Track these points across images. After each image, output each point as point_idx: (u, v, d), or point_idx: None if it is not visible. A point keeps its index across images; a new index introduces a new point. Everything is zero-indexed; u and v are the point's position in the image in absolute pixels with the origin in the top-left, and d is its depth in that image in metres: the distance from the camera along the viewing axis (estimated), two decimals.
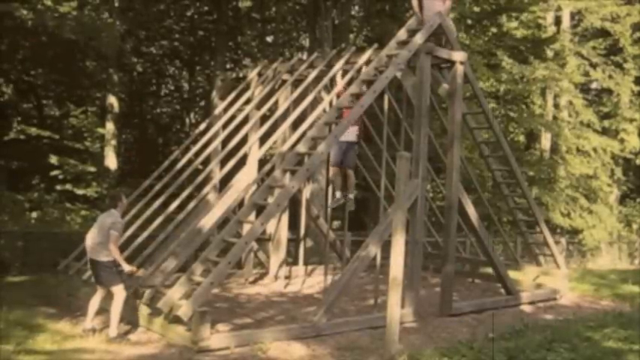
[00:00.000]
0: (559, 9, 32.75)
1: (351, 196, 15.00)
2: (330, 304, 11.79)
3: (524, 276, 17.88)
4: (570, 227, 30.69)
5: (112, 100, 24.81)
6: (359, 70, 14.11)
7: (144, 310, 11.49)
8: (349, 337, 11.43)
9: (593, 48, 33.27)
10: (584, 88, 36.21)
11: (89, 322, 10.89)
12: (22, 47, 23.20)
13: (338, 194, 15.00)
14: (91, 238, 10.98)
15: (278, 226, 16.63)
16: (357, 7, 31.82)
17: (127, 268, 10.86)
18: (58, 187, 21.79)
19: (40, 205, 21.37)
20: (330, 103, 14.47)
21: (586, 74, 32.82)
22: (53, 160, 21.41)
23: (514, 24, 30.18)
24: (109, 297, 10.93)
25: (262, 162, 16.95)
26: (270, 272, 16.68)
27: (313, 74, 15.04)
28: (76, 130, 23.02)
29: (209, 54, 32.30)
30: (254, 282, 16.34)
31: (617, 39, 33.68)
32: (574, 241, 31.01)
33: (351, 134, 14.43)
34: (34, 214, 20.80)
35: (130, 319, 11.51)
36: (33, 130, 22.56)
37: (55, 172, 21.63)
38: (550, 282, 17.14)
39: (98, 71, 25.95)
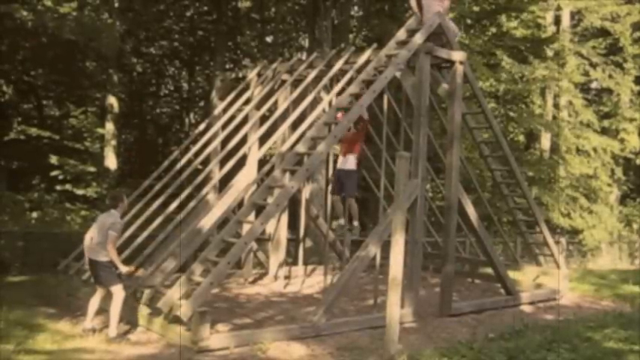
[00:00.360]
0: (559, 8, 32.74)
1: (356, 223, 14.97)
2: (330, 304, 11.80)
3: (524, 276, 17.89)
4: (570, 227, 30.69)
5: (112, 100, 24.81)
6: (358, 71, 14.11)
7: (144, 310, 11.50)
8: (349, 337, 11.43)
9: (593, 47, 33.28)
10: (584, 88, 36.22)
11: (89, 322, 10.90)
12: (22, 48, 23.20)
13: (341, 221, 15.00)
14: (90, 238, 10.99)
15: (277, 226, 16.64)
16: (356, 7, 31.86)
17: (123, 269, 10.84)
18: (58, 188, 21.81)
19: (40, 206, 21.39)
20: (330, 103, 14.48)
21: (586, 74, 32.83)
22: (53, 160, 21.42)
23: (513, 24, 30.15)
24: (108, 297, 10.94)
25: (262, 162, 16.96)
26: (270, 272, 16.69)
27: (313, 74, 15.04)
28: (76, 131, 23.04)
29: (209, 54, 32.34)
30: (254, 282, 16.35)
31: (617, 38, 33.70)
32: (574, 241, 31.00)
33: (350, 163, 14.46)
34: (34, 214, 20.83)
35: (129, 319, 11.52)
36: (33, 131, 22.59)
37: (55, 173, 21.64)
38: (550, 282, 17.14)
39: (98, 72, 25.94)
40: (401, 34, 14.19)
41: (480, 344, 10.72)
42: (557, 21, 33.96)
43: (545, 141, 32.47)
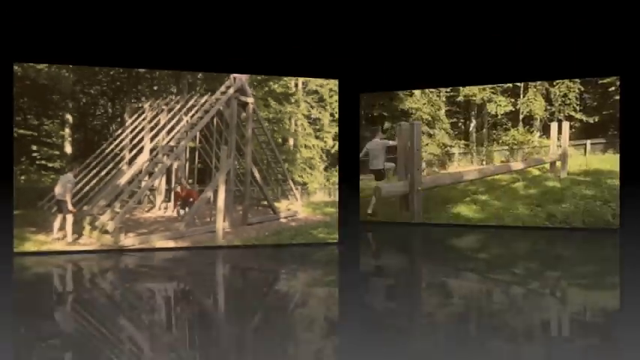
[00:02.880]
0: None
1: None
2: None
3: (282, 205, 18.39)
4: (302, 181, 31.57)
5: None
6: (202, 105, 13.75)
7: (87, 228, 10.64)
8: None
9: None
10: None
11: (55, 234, 9.90)
12: None
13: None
14: (57, 188, 9.97)
15: (160, 182, 15.90)
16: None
17: (71, 208, 9.87)
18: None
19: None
20: (187, 121, 14.00)
21: None
22: None
23: None
24: (63, 220, 9.99)
25: (152, 150, 16.08)
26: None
27: (178, 106, 14.47)
28: None
29: None
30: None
31: None
32: (305, 188, 31.98)
33: None
34: None
35: (79, 232, 10.62)
36: None
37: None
38: (293, 208, 17.77)
39: None
40: (223, 88, 14.00)
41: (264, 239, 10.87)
42: None
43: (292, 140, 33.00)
